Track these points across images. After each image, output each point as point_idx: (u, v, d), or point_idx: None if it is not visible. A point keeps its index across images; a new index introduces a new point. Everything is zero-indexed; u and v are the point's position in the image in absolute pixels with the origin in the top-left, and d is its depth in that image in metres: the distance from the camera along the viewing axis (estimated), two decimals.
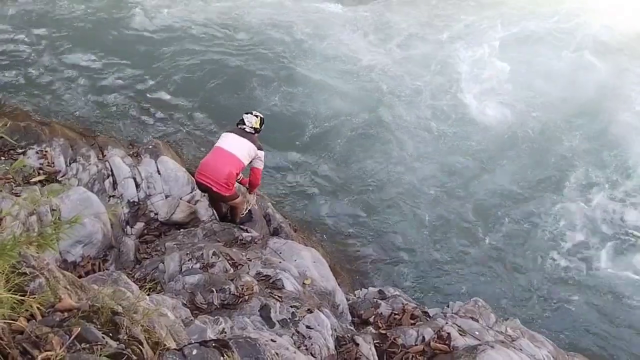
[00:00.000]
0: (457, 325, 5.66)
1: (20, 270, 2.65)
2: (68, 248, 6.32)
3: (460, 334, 5.40)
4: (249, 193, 7.50)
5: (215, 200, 7.31)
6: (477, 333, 5.56)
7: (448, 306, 6.53)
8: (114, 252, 6.76)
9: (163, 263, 6.21)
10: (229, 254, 6.30)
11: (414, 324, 5.77)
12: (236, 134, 6.89)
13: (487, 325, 6.02)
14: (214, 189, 6.68)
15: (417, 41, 13.08)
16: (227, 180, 6.65)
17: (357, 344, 5.06)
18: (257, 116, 7.04)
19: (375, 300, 6.33)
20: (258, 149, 6.90)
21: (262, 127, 7.13)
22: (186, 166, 8.56)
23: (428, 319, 5.96)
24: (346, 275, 8.22)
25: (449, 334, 5.34)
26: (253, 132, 6.96)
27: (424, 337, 5.35)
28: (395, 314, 5.97)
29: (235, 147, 6.76)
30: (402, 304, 6.14)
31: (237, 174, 6.80)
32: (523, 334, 6.12)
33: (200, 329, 3.91)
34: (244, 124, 6.98)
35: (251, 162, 6.93)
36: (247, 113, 7.11)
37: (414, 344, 5.28)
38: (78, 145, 8.81)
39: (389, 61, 12.36)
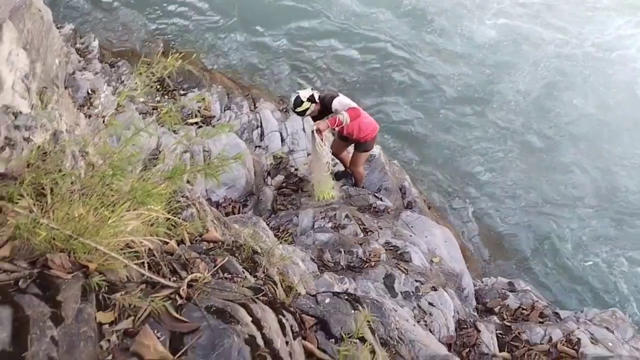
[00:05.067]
0: (589, 332, 5.30)
1: (175, 199, 2.86)
2: (213, 188, 6.73)
3: (592, 342, 5.05)
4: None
5: None
6: (610, 344, 5.17)
7: (582, 311, 6.12)
8: (254, 199, 7.08)
9: (297, 217, 6.41)
10: (361, 219, 6.35)
11: (542, 322, 5.49)
12: None
13: (623, 339, 5.57)
14: None
15: None
16: None
17: (479, 330, 4.92)
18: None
19: (503, 291, 6.09)
20: None
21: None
22: None
23: (558, 320, 5.64)
24: (476, 261, 7.98)
25: (579, 339, 5.01)
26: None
27: (551, 337, 5.07)
28: (523, 309, 5.71)
29: None
30: (533, 300, 5.85)
31: None
32: None
33: (328, 283, 4.00)
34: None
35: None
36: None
37: (539, 342, 5.02)
38: (233, 95, 9.29)
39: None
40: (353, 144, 6.73)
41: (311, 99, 6.06)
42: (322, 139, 6.17)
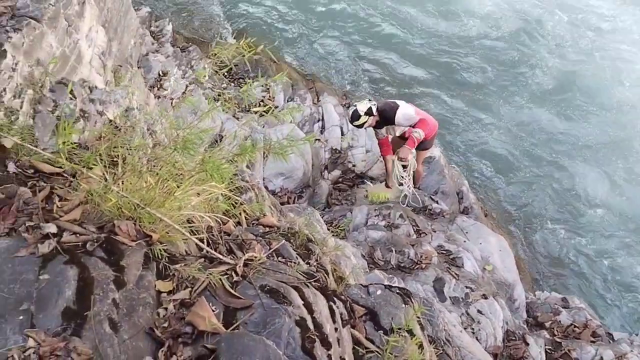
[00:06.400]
0: None
1: (236, 182, 2.91)
2: (271, 177, 6.81)
3: None
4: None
5: None
6: None
7: (637, 334, 5.89)
8: (309, 191, 7.13)
9: (351, 212, 6.41)
10: (415, 220, 6.30)
11: (594, 342, 5.32)
12: None
13: None
14: None
15: None
16: None
17: (527, 344, 4.81)
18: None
19: (556, 306, 5.92)
20: None
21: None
22: None
23: (611, 341, 5.45)
24: (529, 273, 7.77)
25: None
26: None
27: (602, 358, 4.91)
28: (575, 326, 5.54)
29: None
30: (586, 318, 5.67)
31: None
32: None
33: (378, 279, 4.00)
34: None
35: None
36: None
37: None
38: (298, 87, 9.37)
39: None
40: None
41: (369, 113, 6.02)
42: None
